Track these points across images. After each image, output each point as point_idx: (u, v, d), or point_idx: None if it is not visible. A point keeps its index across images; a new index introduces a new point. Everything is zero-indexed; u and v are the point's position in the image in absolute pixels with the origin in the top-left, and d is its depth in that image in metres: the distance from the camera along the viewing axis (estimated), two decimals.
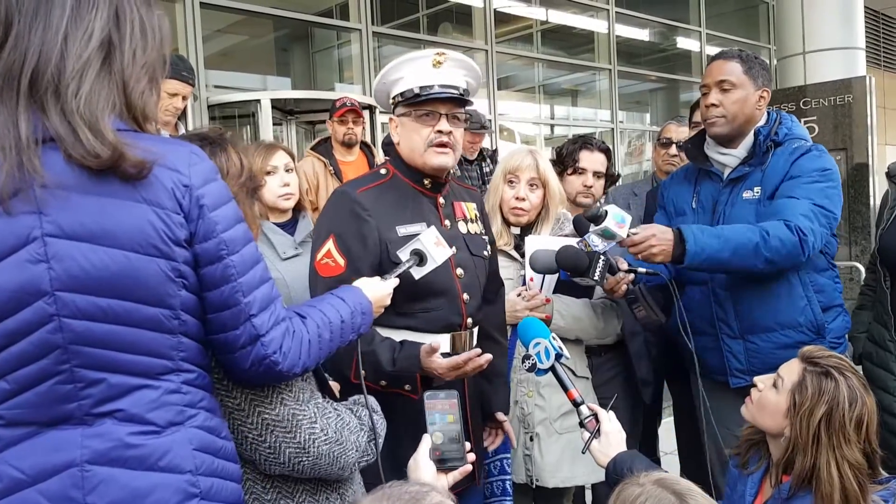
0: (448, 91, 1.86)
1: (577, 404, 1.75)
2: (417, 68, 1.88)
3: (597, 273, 2.04)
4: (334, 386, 1.76)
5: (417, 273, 1.70)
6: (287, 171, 2.45)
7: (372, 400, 1.57)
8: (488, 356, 1.81)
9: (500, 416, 2.13)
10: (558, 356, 1.75)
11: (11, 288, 1.05)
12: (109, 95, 1.11)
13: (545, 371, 1.77)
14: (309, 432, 1.35)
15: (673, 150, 3.41)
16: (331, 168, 4.03)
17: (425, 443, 1.47)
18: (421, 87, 1.86)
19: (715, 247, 2.11)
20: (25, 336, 1.06)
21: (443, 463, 1.46)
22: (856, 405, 1.65)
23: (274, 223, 2.47)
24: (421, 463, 1.44)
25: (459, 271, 1.96)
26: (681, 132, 3.40)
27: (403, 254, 1.70)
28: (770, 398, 1.72)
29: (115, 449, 1.09)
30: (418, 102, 1.88)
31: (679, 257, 2.12)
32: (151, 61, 1.17)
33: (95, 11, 1.11)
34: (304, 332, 1.28)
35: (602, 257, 2.04)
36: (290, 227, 2.50)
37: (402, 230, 1.86)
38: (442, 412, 1.51)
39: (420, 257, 1.68)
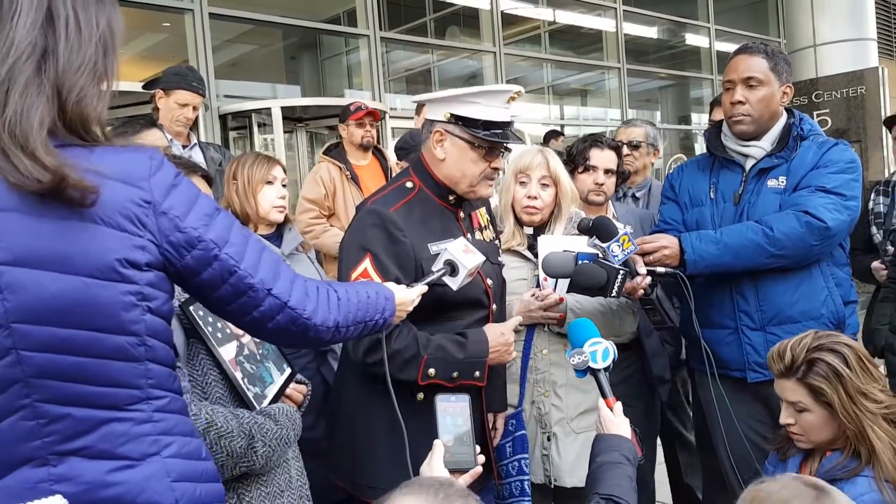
0: (516, 139, 1.89)
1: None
2: (495, 100, 1.87)
3: (614, 290, 2.03)
4: (300, 389, 1.82)
5: (454, 283, 1.69)
6: (283, 185, 2.55)
7: (286, 407, 1.66)
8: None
9: (490, 417, 2.16)
10: (614, 361, 1.70)
11: None
12: (42, 108, 1.00)
13: (595, 371, 1.69)
14: None
15: (625, 150, 3.41)
16: (347, 173, 4.02)
17: (438, 448, 1.45)
18: (494, 123, 1.85)
19: (714, 253, 2.20)
20: None
21: (453, 465, 1.44)
22: (851, 360, 1.64)
23: (261, 235, 2.51)
24: (436, 468, 1.42)
25: (490, 281, 2.00)
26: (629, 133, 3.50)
27: (435, 266, 1.69)
28: (811, 419, 1.71)
29: (87, 492, 1.02)
30: (488, 138, 1.86)
31: (684, 264, 2.21)
32: (88, 59, 1.06)
33: (17, 18, 1.01)
34: (330, 290, 1.28)
35: (621, 273, 2.02)
36: (275, 239, 2.55)
37: (434, 248, 1.86)
38: (453, 415, 1.51)
39: (452, 267, 1.68)
